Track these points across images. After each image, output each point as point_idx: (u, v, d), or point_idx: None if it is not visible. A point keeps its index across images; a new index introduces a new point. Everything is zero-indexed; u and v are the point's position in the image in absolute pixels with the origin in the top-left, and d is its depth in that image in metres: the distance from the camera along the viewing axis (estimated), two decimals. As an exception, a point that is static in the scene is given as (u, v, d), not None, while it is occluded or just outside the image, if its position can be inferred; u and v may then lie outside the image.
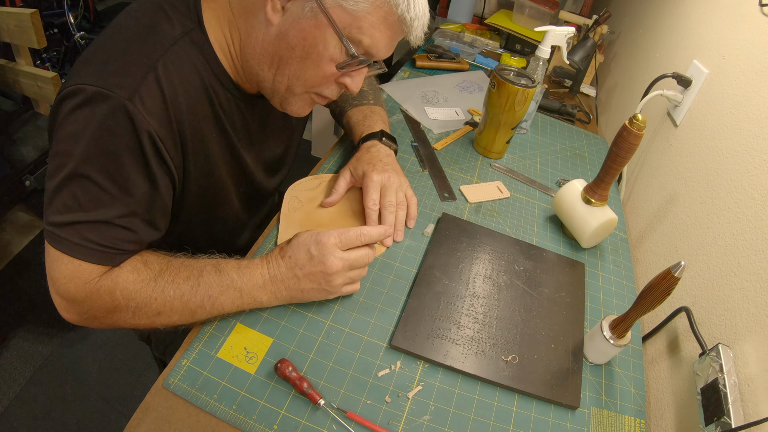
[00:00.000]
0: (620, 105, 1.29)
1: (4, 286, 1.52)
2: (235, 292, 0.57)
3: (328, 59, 0.56)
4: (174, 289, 0.55)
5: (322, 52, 0.55)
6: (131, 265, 0.55)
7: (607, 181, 0.78)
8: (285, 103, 0.62)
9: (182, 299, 0.55)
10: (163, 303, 0.55)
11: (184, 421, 0.51)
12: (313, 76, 0.57)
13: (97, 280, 0.53)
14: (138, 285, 0.54)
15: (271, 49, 0.56)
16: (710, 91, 0.83)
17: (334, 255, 0.57)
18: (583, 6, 1.71)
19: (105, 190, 0.51)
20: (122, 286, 0.54)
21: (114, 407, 1.32)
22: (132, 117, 0.49)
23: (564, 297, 0.73)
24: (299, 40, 0.54)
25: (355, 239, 0.59)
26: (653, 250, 0.86)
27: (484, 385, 0.60)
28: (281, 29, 0.54)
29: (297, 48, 0.55)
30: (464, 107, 1.19)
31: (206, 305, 0.56)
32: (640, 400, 0.64)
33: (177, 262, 0.58)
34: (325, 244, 0.57)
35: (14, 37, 1.34)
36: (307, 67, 0.56)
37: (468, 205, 0.88)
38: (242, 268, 0.58)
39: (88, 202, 0.51)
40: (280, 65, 0.57)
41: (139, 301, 0.54)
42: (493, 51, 1.57)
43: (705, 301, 0.65)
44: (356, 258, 0.59)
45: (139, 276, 0.55)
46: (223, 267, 0.58)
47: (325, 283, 0.58)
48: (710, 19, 0.92)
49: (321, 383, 0.56)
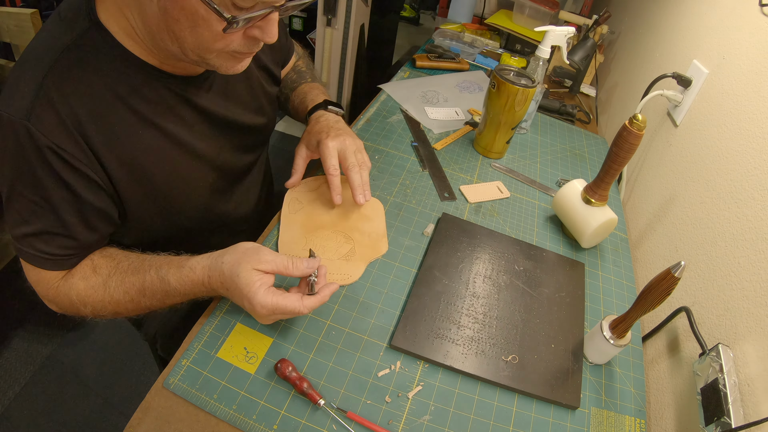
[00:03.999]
0: (620, 105, 1.29)
1: (4, 286, 1.52)
2: (179, 296, 0.60)
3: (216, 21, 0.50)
4: (122, 293, 0.59)
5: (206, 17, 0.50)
6: (81, 272, 0.60)
7: (607, 181, 0.78)
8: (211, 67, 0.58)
9: (133, 302, 0.60)
10: (116, 305, 0.60)
11: (184, 421, 0.51)
12: (211, 40, 0.52)
13: (57, 284, 0.60)
14: (88, 291, 0.59)
15: (162, 25, 0.52)
16: (710, 91, 0.83)
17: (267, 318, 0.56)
18: (583, 6, 1.71)
19: (36, 203, 0.54)
20: (75, 292, 0.59)
21: (114, 407, 1.32)
22: (32, 136, 0.51)
23: (564, 297, 0.73)
24: (178, 11, 0.49)
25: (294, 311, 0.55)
26: (653, 250, 0.86)
27: (484, 385, 0.60)
28: (161, 4, 0.50)
29: (181, 19, 0.50)
30: (464, 107, 1.19)
31: (156, 305, 0.61)
32: (640, 400, 0.64)
33: (124, 265, 0.61)
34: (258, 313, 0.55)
35: (14, 37, 1.34)
36: (201, 34, 0.51)
37: (468, 205, 0.88)
38: (182, 277, 0.58)
39: (28, 215, 0.55)
40: (177, 38, 0.52)
41: (94, 305, 0.60)
42: (493, 51, 1.57)
43: (705, 301, 0.65)
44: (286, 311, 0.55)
45: (88, 282, 0.60)
46: (164, 274, 0.58)
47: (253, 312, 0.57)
48: (710, 19, 0.92)
49: (321, 383, 0.56)
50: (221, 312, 0.61)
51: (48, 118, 0.51)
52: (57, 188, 0.54)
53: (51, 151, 0.52)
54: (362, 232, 0.75)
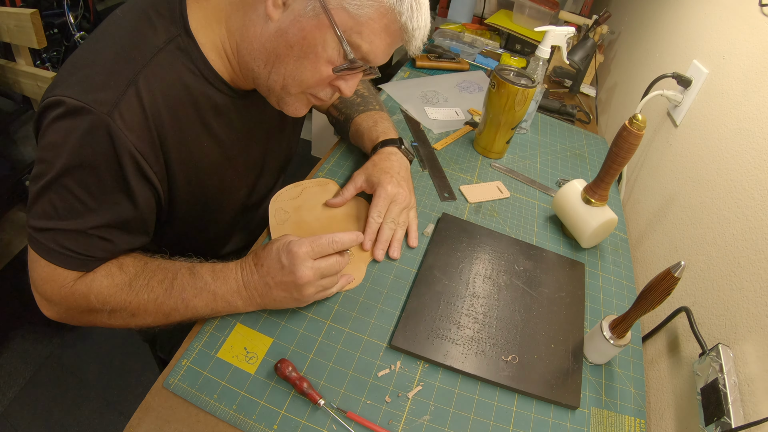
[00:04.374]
0: (620, 105, 1.29)
1: (4, 286, 1.52)
2: (209, 295, 0.57)
3: (326, 61, 0.55)
4: (148, 293, 0.56)
5: (320, 53, 0.54)
6: (106, 270, 0.57)
7: (607, 181, 0.78)
8: (282, 103, 0.61)
9: (156, 302, 0.56)
10: (137, 306, 0.56)
11: (184, 421, 0.51)
12: (309, 77, 0.56)
13: (72, 284, 0.56)
14: (112, 290, 0.56)
15: (269, 45, 0.54)
16: (710, 91, 0.83)
17: (304, 265, 0.55)
18: (583, 6, 1.71)
19: (82, 201, 0.52)
20: (96, 291, 0.56)
21: (114, 407, 1.32)
22: (111, 134, 0.49)
23: (564, 297, 0.73)
24: (298, 38, 0.53)
25: (327, 247, 0.57)
26: (653, 250, 0.86)
27: (484, 385, 0.60)
28: (281, 26, 0.53)
29: (295, 47, 0.54)
30: (464, 107, 1.19)
31: (180, 308, 0.57)
32: (640, 400, 0.64)
33: (153, 265, 0.58)
34: (297, 254, 0.55)
35: (14, 37, 1.34)
36: (304, 67, 0.55)
37: (468, 205, 0.88)
38: (216, 272, 0.58)
39: (65, 212, 0.52)
40: (276, 63, 0.55)
41: (114, 305, 0.56)
42: (493, 51, 1.57)
43: (705, 301, 0.65)
44: (327, 266, 0.57)
45: (113, 281, 0.56)
46: (198, 270, 0.58)
47: (296, 292, 0.57)
48: (710, 19, 0.92)
49: (321, 383, 0.56)
50: (221, 312, 0.61)
51: (133, 117, 0.51)
52: (118, 192, 0.53)
53: (129, 153, 0.51)
54: None
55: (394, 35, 0.55)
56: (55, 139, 0.49)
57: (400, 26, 0.54)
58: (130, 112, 0.50)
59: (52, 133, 0.50)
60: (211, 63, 0.58)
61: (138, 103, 0.51)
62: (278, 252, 0.57)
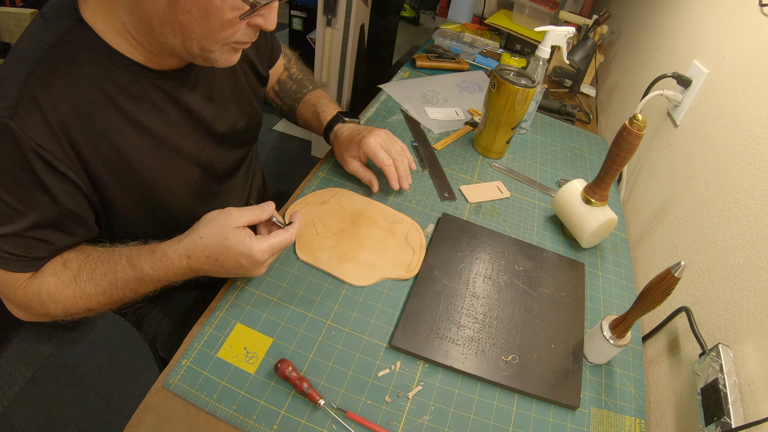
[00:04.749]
0: (620, 105, 1.29)
1: (4, 286, 1.52)
2: (152, 283, 0.59)
3: (230, 9, 0.52)
4: (94, 286, 0.58)
5: (220, 5, 0.51)
6: (51, 268, 0.58)
7: (607, 181, 0.78)
8: (209, 61, 0.59)
9: (105, 294, 0.59)
10: (87, 300, 0.59)
11: (184, 421, 0.51)
12: (221, 30, 0.54)
13: (24, 285, 0.57)
14: (59, 287, 0.58)
15: (168, 18, 0.52)
16: (710, 91, 0.83)
17: (265, 264, 0.60)
18: (583, 6, 1.71)
19: (9, 205, 0.53)
20: (45, 290, 0.57)
21: (114, 407, 1.32)
22: (14, 135, 0.50)
23: (564, 297, 0.73)
24: (190, 2, 0.50)
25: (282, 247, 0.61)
26: (653, 250, 0.86)
27: (484, 385, 0.60)
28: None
29: (192, 10, 0.51)
30: (464, 107, 1.19)
31: (129, 296, 0.60)
32: (640, 400, 0.64)
33: (94, 257, 0.60)
34: (259, 261, 0.59)
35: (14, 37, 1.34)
36: (211, 24, 0.53)
37: (468, 205, 0.88)
38: (155, 261, 0.59)
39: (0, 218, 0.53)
40: (184, 31, 0.53)
41: (65, 302, 0.58)
42: (493, 51, 1.57)
43: (705, 301, 0.65)
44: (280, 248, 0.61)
45: (59, 278, 0.58)
46: (136, 261, 0.59)
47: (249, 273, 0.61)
48: (710, 19, 0.92)
49: (321, 383, 0.56)
50: (221, 312, 0.61)
51: (31, 118, 0.51)
52: (36, 191, 0.53)
53: (34, 152, 0.51)
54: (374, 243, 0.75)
55: None
56: None
57: None
58: (28, 113, 0.50)
59: None
60: (115, 47, 0.56)
61: (33, 104, 0.51)
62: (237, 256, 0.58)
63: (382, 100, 1.14)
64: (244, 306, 0.62)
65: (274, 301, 0.63)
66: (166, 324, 0.86)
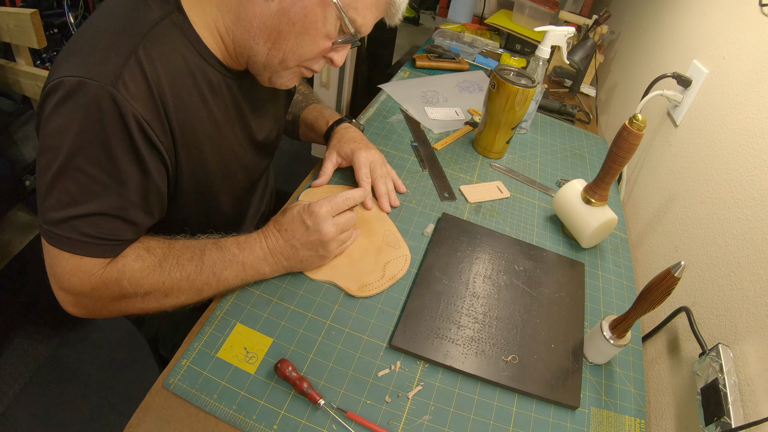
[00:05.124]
0: (620, 105, 1.29)
1: (4, 286, 1.52)
2: (238, 266, 0.60)
3: (324, 35, 0.58)
4: (179, 270, 0.58)
5: (320, 28, 0.57)
6: (135, 253, 0.57)
7: (607, 181, 0.78)
8: (275, 77, 0.63)
9: (189, 279, 0.58)
10: (170, 286, 0.57)
11: (184, 421, 0.51)
12: (309, 51, 0.59)
13: (101, 271, 0.54)
14: (145, 272, 0.56)
15: (270, 23, 0.56)
16: (710, 91, 0.83)
17: (327, 222, 0.62)
18: (583, 6, 1.71)
19: (97, 180, 0.51)
20: (129, 275, 0.55)
21: (114, 407, 1.32)
22: (117, 102, 0.49)
23: (564, 297, 0.73)
24: (301, 16, 0.55)
25: (343, 204, 0.65)
26: (653, 250, 0.86)
27: (484, 385, 0.60)
28: (283, 4, 0.55)
29: (297, 23, 0.56)
30: (464, 107, 1.19)
31: (212, 282, 0.59)
32: (640, 400, 0.64)
33: (179, 244, 0.60)
34: (319, 214, 0.62)
35: (14, 37, 1.34)
36: (305, 42, 0.58)
37: (468, 205, 0.88)
38: (241, 243, 0.62)
39: (82, 195, 0.51)
40: (278, 40, 0.58)
41: (148, 287, 0.56)
42: (493, 51, 1.57)
43: (705, 301, 0.65)
44: (346, 221, 0.65)
45: (144, 263, 0.56)
46: (224, 244, 0.61)
47: (322, 249, 0.63)
48: (710, 19, 0.92)
49: (321, 383, 0.56)
50: (221, 312, 0.61)
51: (137, 84, 0.51)
52: (130, 163, 0.52)
53: (135, 120, 0.50)
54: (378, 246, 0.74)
55: (381, 8, 0.60)
56: (61, 122, 0.49)
57: (388, 0, 0.59)
58: (133, 82, 0.50)
59: (56, 117, 0.49)
60: (203, 40, 0.58)
61: (140, 73, 0.51)
62: (300, 215, 0.62)
63: (382, 100, 1.14)
64: (244, 306, 0.62)
65: (274, 301, 0.63)
66: (168, 322, 0.86)
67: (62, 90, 0.48)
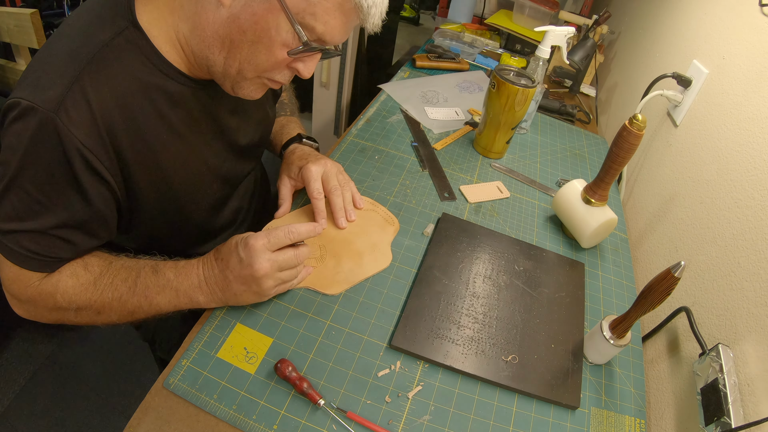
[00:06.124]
0: (620, 105, 1.29)
1: (4, 286, 1.52)
2: (171, 291, 0.58)
3: (281, 44, 0.54)
4: (112, 291, 0.58)
5: (274, 37, 0.53)
6: (71, 269, 0.58)
7: (607, 181, 0.78)
8: (236, 87, 0.60)
9: (120, 300, 0.58)
10: (102, 305, 0.58)
11: (184, 421, 0.51)
12: (265, 61, 0.55)
13: (37, 284, 0.57)
14: (78, 289, 0.57)
15: (222, 31, 0.53)
16: (710, 91, 0.83)
17: (262, 257, 0.56)
18: (583, 6, 1.71)
19: (39, 201, 0.52)
20: (62, 290, 0.57)
21: (114, 407, 1.32)
22: (58, 131, 0.49)
23: (564, 297, 0.73)
24: (251, 23, 0.52)
25: (284, 238, 0.58)
26: (653, 250, 0.86)
27: (484, 385, 0.60)
28: (232, 11, 0.52)
29: (248, 32, 0.53)
30: (464, 107, 1.19)
31: (143, 306, 0.58)
32: (640, 400, 0.64)
33: (117, 264, 0.60)
34: (253, 246, 0.56)
35: (14, 37, 1.34)
36: (259, 51, 0.54)
37: (468, 205, 0.88)
38: (179, 269, 0.59)
39: (25, 213, 0.52)
40: (231, 49, 0.55)
41: (79, 304, 0.57)
42: (493, 51, 1.57)
43: (705, 301, 0.65)
44: (285, 259, 0.58)
45: (78, 280, 0.58)
46: (161, 268, 0.59)
47: (255, 285, 0.57)
48: (710, 19, 0.92)
49: (321, 383, 0.56)
50: (221, 312, 0.61)
51: (79, 114, 0.50)
52: (70, 190, 0.53)
53: (77, 151, 0.51)
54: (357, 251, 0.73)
55: (348, 13, 0.54)
56: (11, 141, 0.50)
57: (354, 5, 0.53)
58: (75, 108, 0.50)
59: (8, 135, 0.50)
60: (164, 55, 0.57)
61: (83, 100, 0.51)
62: (236, 245, 0.57)
63: (382, 100, 1.14)
64: (244, 306, 0.62)
65: (274, 301, 0.63)
66: (165, 324, 0.86)
67: (15, 111, 0.50)
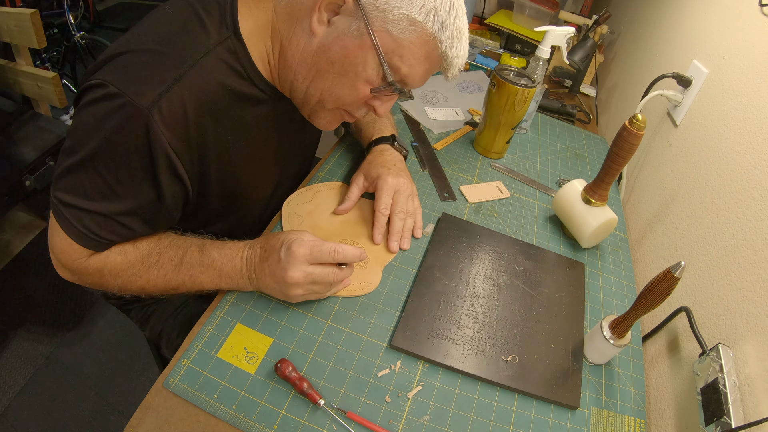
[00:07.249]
0: (620, 105, 1.29)
1: (4, 286, 1.52)
2: (215, 272, 0.60)
3: (365, 80, 0.56)
4: (158, 269, 0.59)
5: (360, 72, 0.55)
6: (120, 247, 0.59)
7: (607, 181, 0.78)
8: (313, 116, 0.62)
9: (165, 278, 0.60)
10: (146, 281, 0.60)
11: (184, 421, 0.51)
12: (347, 95, 0.57)
13: (86, 259, 0.58)
14: (125, 266, 0.59)
15: (310, 60, 0.55)
16: (710, 91, 0.83)
17: (298, 267, 0.56)
18: (583, 6, 1.71)
19: (111, 187, 0.53)
20: (110, 267, 0.59)
21: (114, 407, 1.32)
22: (148, 129, 0.50)
23: (564, 297, 0.73)
24: (340, 56, 0.54)
25: (327, 256, 0.57)
26: (653, 250, 0.86)
27: (484, 385, 0.60)
28: (324, 42, 0.54)
29: (336, 63, 0.54)
30: (464, 107, 1.19)
31: (187, 283, 0.60)
32: (640, 400, 0.64)
33: (165, 242, 0.61)
34: (294, 254, 0.56)
35: (14, 37, 1.34)
36: (343, 84, 0.56)
37: (468, 205, 0.88)
38: (224, 249, 0.61)
39: (94, 193, 0.53)
40: (316, 77, 0.56)
41: (125, 279, 0.59)
42: (493, 51, 1.57)
43: (705, 301, 0.65)
44: (321, 274, 0.58)
45: (126, 257, 0.59)
46: (207, 247, 0.61)
47: (284, 288, 0.58)
48: (710, 19, 0.92)
49: (321, 383, 0.56)
50: (221, 312, 0.61)
51: (173, 116, 0.51)
52: (146, 185, 0.54)
53: (163, 151, 0.51)
54: (368, 236, 0.74)
55: (433, 61, 0.56)
56: (92, 121, 0.50)
57: (440, 53, 0.55)
58: (170, 110, 0.51)
59: (89, 113, 0.50)
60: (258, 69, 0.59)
61: (180, 103, 0.51)
62: (281, 245, 0.58)
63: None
64: (244, 306, 0.62)
65: (274, 301, 0.63)
66: (173, 323, 0.85)
67: (101, 91, 0.49)
